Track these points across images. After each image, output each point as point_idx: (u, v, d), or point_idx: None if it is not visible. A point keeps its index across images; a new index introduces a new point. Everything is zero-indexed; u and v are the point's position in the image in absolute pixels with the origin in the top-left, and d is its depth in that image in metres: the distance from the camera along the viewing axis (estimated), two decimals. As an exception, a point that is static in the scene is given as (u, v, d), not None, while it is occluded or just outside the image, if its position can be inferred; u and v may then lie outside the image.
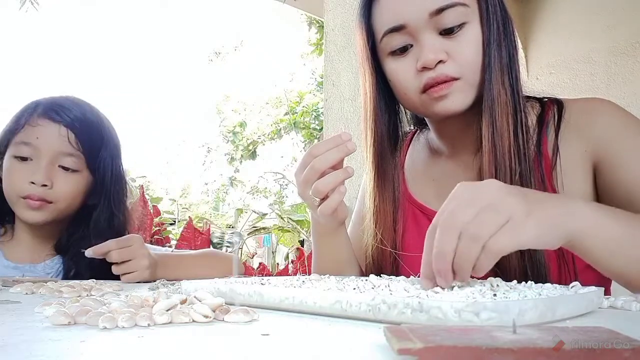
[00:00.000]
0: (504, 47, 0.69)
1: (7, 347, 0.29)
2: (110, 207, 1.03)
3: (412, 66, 0.69)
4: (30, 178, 0.93)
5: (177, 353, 0.28)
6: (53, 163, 0.96)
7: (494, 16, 0.69)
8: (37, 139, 0.95)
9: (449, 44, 0.68)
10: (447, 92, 0.67)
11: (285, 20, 11.56)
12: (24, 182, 0.94)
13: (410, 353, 0.23)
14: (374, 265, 0.79)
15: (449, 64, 0.67)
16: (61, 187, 0.96)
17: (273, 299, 0.45)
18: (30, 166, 0.94)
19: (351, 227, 0.89)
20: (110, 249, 0.88)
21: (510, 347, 0.22)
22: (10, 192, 0.96)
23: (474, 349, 0.22)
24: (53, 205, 0.96)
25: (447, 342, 0.23)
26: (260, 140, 10.38)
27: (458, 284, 0.46)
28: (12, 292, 0.63)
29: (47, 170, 0.94)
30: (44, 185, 0.94)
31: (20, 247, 1.01)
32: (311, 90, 9.96)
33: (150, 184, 10.14)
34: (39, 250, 1.02)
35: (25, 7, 4.46)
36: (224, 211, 11.11)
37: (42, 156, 0.95)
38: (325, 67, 2.17)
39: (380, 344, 0.29)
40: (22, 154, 0.95)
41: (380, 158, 0.78)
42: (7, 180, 0.96)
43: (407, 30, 0.69)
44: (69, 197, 0.98)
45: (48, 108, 0.97)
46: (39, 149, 0.95)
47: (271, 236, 3.64)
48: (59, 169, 0.96)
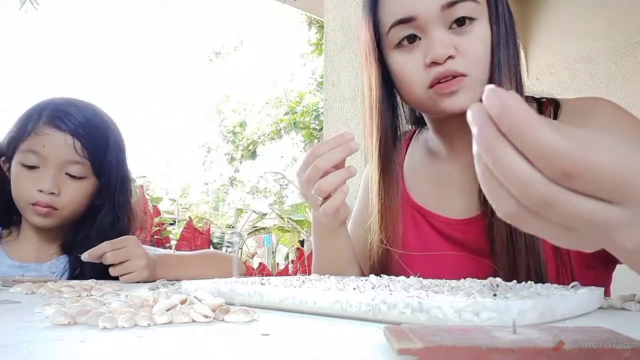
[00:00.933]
0: (511, 48, 0.69)
1: (7, 347, 0.29)
2: (114, 208, 1.05)
3: (420, 60, 0.68)
4: (38, 186, 0.96)
5: (177, 353, 0.28)
6: (60, 171, 0.98)
7: (502, 16, 0.69)
8: (44, 147, 0.97)
9: (458, 40, 0.67)
10: (457, 88, 0.66)
11: (285, 20, 11.55)
12: (31, 189, 0.96)
13: (410, 353, 0.23)
14: (380, 265, 0.78)
15: (458, 60, 0.66)
16: (67, 195, 0.99)
17: (273, 299, 0.45)
18: (37, 174, 0.97)
19: (351, 226, 0.89)
20: (105, 251, 0.89)
21: (511, 347, 0.22)
22: (19, 199, 0.99)
23: (474, 349, 0.22)
24: (59, 212, 0.98)
25: (447, 342, 0.23)
26: (260, 140, 10.38)
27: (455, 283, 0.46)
28: (12, 292, 0.63)
29: (54, 179, 0.97)
30: (52, 193, 0.96)
31: (26, 247, 1.03)
32: (311, 90, 9.96)
33: (150, 184, 10.15)
34: (45, 250, 1.04)
35: (25, 7, 4.46)
36: (224, 211, 11.10)
37: (49, 164, 0.97)
38: (325, 67, 2.17)
39: (380, 344, 0.29)
40: (30, 163, 0.97)
41: (386, 155, 0.77)
42: (15, 187, 0.99)
43: (416, 23, 0.68)
44: (75, 204, 1.01)
45: (53, 115, 0.99)
46: (46, 157, 0.97)
47: (271, 236, 3.64)
48: (66, 176, 0.99)
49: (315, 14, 3.58)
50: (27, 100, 1.03)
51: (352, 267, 0.81)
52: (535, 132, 0.28)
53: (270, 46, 17.71)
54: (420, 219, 0.80)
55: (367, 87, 0.77)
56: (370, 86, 0.76)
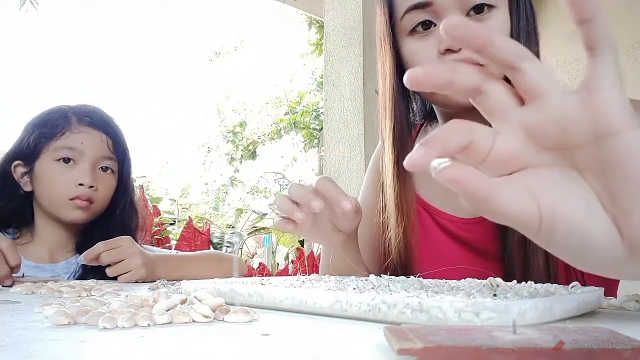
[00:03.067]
0: (532, 41, 0.66)
1: (7, 347, 0.29)
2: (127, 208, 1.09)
3: (434, 48, 0.65)
4: (77, 180, 1.00)
5: (177, 353, 0.28)
6: (95, 167, 1.03)
7: (523, 6, 0.66)
8: (82, 144, 1.02)
9: None
10: None
11: (285, 20, 11.55)
12: (70, 184, 1.00)
13: (410, 353, 0.23)
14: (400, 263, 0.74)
15: None
16: (102, 189, 1.04)
17: (273, 299, 0.45)
18: (74, 170, 1.01)
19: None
20: (100, 252, 0.89)
21: (511, 347, 0.22)
22: (56, 195, 1.01)
23: (474, 348, 0.22)
24: (94, 206, 1.02)
25: (447, 342, 0.23)
26: (260, 140, 10.39)
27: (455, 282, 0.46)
28: (12, 292, 0.63)
29: (92, 173, 1.01)
30: (91, 186, 1.01)
31: (40, 248, 1.05)
32: (311, 90, 9.97)
33: (150, 184, 10.14)
34: (59, 250, 1.06)
35: (25, 7, 4.47)
36: (224, 211, 11.12)
37: (86, 160, 1.02)
38: (325, 67, 2.17)
39: (380, 344, 0.29)
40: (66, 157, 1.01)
41: (400, 145, 0.73)
42: (51, 183, 1.01)
43: (432, 9, 0.64)
44: (106, 199, 1.06)
45: (84, 115, 1.05)
46: (84, 153, 1.02)
47: (271, 236, 3.64)
48: (99, 171, 1.04)
49: (315, 14, 3.58)
50: (28, 101, 1.04)
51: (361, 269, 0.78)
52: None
53: (270, 46, 17.69)
54: (425, 215, 0.78)
55: (381, 75, 0.74)
56: (384, 75, 0.73)
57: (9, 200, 1.04)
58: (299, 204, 0.63)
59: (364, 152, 1.99)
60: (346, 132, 2.05)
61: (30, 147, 1.02)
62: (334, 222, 0.69)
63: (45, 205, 1.03)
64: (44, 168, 1.02)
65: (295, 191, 0.63)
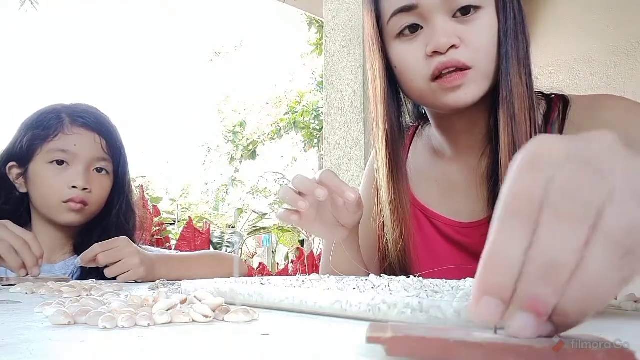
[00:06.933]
0: (520, 40, 0.65)
1: (7, 347, 0.29)
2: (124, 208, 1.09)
3: (422, 51, 0.65)
4: (71, 183, 0.99)
5: (177, 353, 0.28)
6: (89, 169, 1.02)
7: (510, 5, 0.65)
8: (75, 146, 1.01)
9: (462, 29, 0.63)
10: (461, 82, 0.63)
11: (285, 20, 11.55)
12: (64, 187, 0.99)
13: (379, 342, 0.23)
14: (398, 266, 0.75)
15: (462, 50, 0.63)
16: (97, 191, 1.03)
17: (273, 299, 0.45)
18: (68, 172, 1.00)
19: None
20: (96, 253, 0.89)
21: (479, 342, 0.22)
22: (50, 197, 1.00)
23: (442, 340, 0.22)
24: (88, 208, 1.02)
25: (415, 333, 0.23)
26: (260, 140, 10.38)
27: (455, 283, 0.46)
28: (12, 292, 0.63)
29: (86, 175, 1.00)
30: (85, 189, 1.00)
31: None
32: (311, 90, 9.96)
33: (150, 184, 10.14)
34: (57, 251, 1.05)
35: (25, 7, 4.46)
36: (224, 211, 11.10)
37: (79, 162, 1.00)
38: (325, 67, 2.16)
39: (380, 344, 0.29)
40: (60, 159, 1.00)
41: (393, 150, 0.74)
42: (44, 186, 1.00)
43: (418, 11, 0.64)
44: (101, 200, 1.05)
45: (77, 116, 1.03)
46: (77, 155, 1.00)
47: (271, 236, 3.65)
48: (94, 173, 1.03)
49: (315, 14, 3.58)
50: (27, 101, 1.03)
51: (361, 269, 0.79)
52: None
53: (271, 46, 17.70)
54: (424, 218, 0.78)
55: (371, 79, 0.74)
56: (374, 78, 0.73)
57: (4, 201, 1.03)
58: (303, 194, 0.64)
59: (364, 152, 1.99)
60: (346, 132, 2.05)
61: (24, 148, 1.02)
62: (337, 216, 0.70)
63: (40, 208, 1.02)
64: (37, 170, 1.01)
65: (300, 181, 0.64)
